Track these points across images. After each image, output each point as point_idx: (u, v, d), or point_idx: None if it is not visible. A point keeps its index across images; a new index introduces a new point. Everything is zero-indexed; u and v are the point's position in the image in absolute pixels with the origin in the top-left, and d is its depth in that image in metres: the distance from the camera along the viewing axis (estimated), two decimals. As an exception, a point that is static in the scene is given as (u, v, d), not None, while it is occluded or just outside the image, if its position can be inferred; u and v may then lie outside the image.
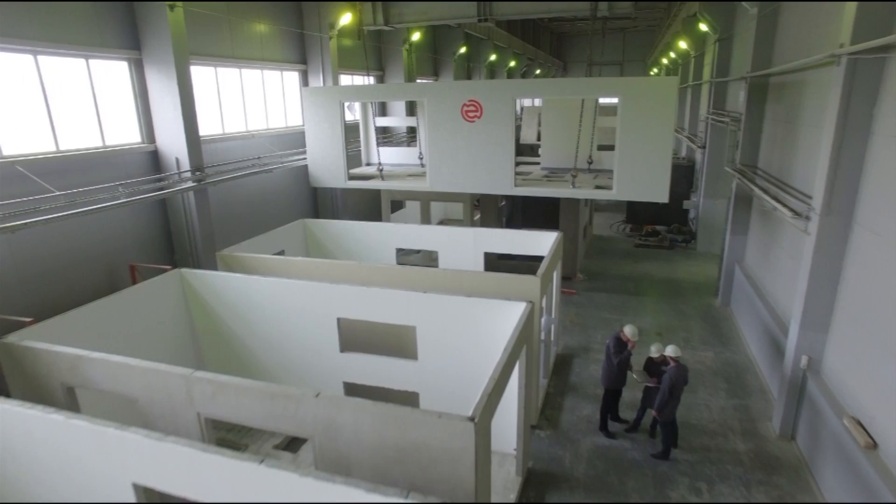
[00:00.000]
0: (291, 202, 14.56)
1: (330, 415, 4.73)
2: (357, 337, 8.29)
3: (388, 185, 12.30)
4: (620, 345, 8.18)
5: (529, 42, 42.32)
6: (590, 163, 12.91)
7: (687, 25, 21.19)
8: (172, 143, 10.05)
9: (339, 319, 7.75)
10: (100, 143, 9.37)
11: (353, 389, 8.38)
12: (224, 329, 8.55)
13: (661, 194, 10.16)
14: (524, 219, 18.27)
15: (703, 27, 16.68)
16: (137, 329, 7.77)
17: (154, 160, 10.28)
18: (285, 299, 7.95)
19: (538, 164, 16.49)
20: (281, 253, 11.24)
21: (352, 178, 13.08)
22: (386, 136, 18.90)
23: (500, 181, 11.06)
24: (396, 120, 18.00)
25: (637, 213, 20.75)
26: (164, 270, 9.06)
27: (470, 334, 7.14)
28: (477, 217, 16.19)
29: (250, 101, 13.06)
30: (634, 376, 8.19)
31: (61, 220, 7.80)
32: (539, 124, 25.37)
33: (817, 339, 7.51)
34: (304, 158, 13.33)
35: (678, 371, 7.58)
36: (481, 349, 7.10)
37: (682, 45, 22.06)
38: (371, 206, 17.73)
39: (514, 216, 18.15)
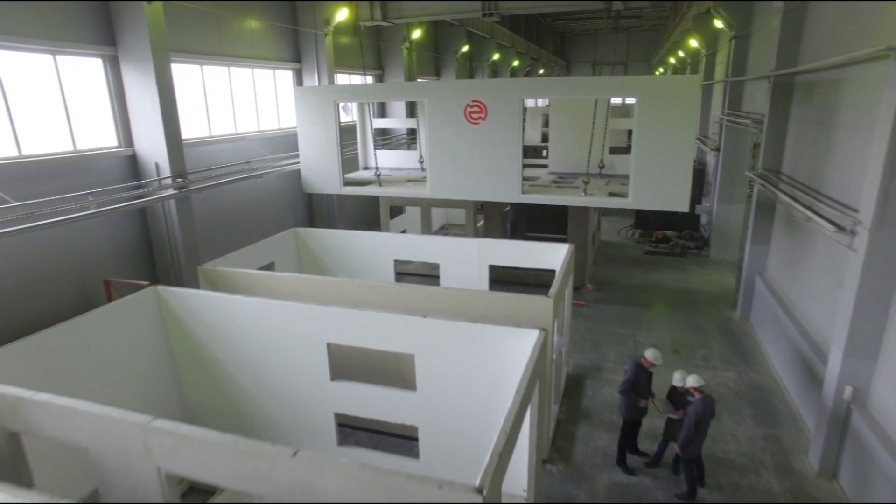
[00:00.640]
0: (285, 208, 13.79)
1: (309, 478, 3.94)
2: (349, 364, 7.52)
3: (385, 191, 11.52)
4: (642, 372, 7.38)
5: (532, 41, 41.56)
6: (601, 167, 12.14)
7: (699, 23, 20.38)
8: (152, 147, 9.28)
9: (328, 345, 6.97)
10: (70, 148, 8.60)
11: (346, 421, 7.61)
12: (204, 353, 7.77)
13: (681, 203, 9.37)
14: (530, 224, 17.50)
15: (717, 24, 15.87)
16: (107, 355, 7.00)
17: (132, 166, 9.51)
18: (269, 321, 7.17)
19: (543, 166, 15.73)
20: (270, 265, 10.49)
21: (347, 183, 12.30)
22: (385, 139, 18.13)
23: (507, 188, 10.27)
24: (396, 121, 17.22)
25: (646, 218, 19.95)
26: (141, 287, 8.31)
27: (475, 364, 6.35)
28: (480, 223, 15.41)
29: (240, 102, 12.29)
30: (657, 407, 7.39)
31: (21, 234, 7.03)
32: (544, 125, 24.62)
33: (864, 368, 6.71)
34: (298, 162, 12.56)
35: (704, 404, 6.78)
36: (488, 380, 6.32)
37: (693, 43, 21.26)
38: (369, 211, 16.96)
39: (519, 221, 17.38)
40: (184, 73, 10.67)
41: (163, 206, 9.47)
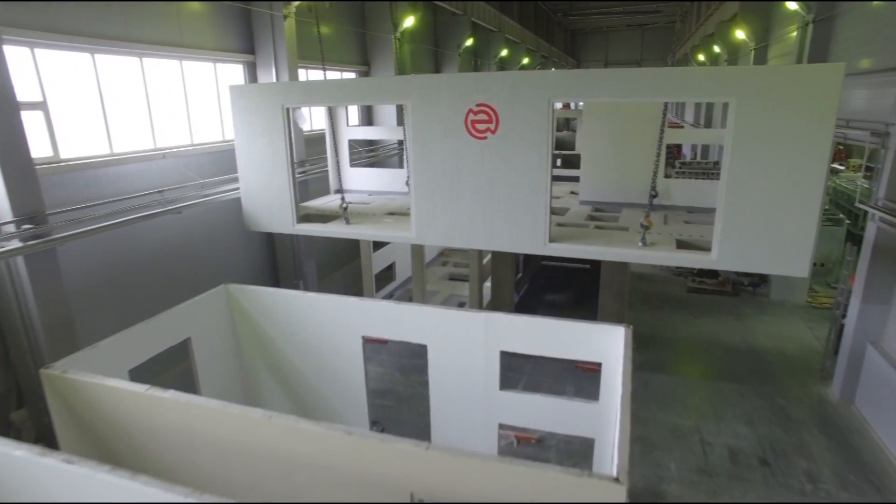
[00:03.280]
0: (236, 246, 10.58)
1: None
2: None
3: (354, 231, 8.26)
4: None
5: (543, 38, 38.32)
6: (653, 196, 8.87)
7: (747, 9, 17.11)
8: (-18, 176, 6.07)
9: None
10: None
11: None
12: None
13: (799, 264, 6.07)
14: (546, 256, 14.26)
15: (791, 6, 12.55)
16: None
17: (-38, 203, 6.30)
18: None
19: (564, 178, 12.47)
20: (185, 343, 7.28)
21: (306, 216, 9.06)
22: (372, 150, 14.84)
23: (528, 233, 6.99)
24: (378, 131, 13.80)
25: (685, 244, 16.63)
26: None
27: None
28: (487, 259, 12.16)
29: (162, 106, 9.08)
30: None
31: None
32: (558, 129, 21.31)
33: None
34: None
35: None
36: None
37: (740, 34, 17.92)
38: (347, 241, 13.71)
39: (532, 255, 14.14)
40: (61, 64, 7.48)
41: (6, 265, 6.26)
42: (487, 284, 12.66)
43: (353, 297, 7.30)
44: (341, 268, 14.02)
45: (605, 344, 6.18)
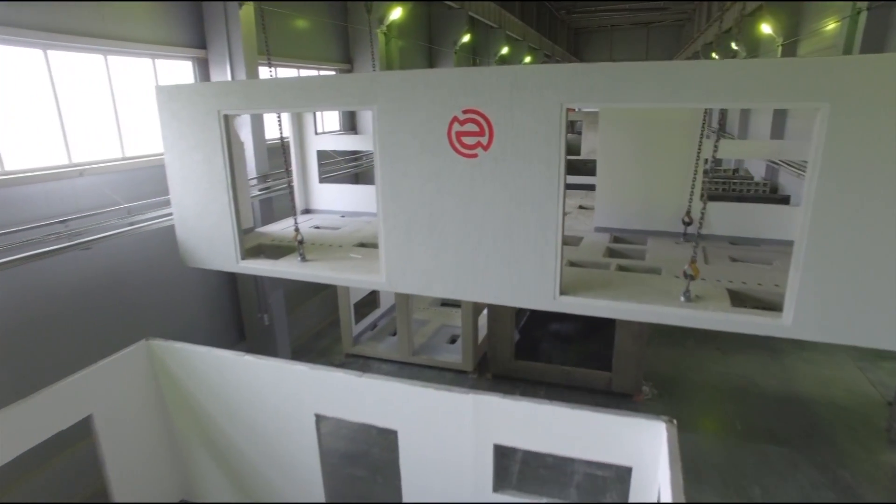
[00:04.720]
0: (189, 273, 8.85)
1: None
2: None
3: (309, 271, 6.51)
4: None
5: (545, 36, 36.62)
6: (687, 223, 7.16)
7: (772, 5, 15.36)
8: None
9: None
10: None
11: None
12: None
13: (913, 336, 4.35)
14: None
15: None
16: None
17: None
18: None
19: (574, 186, 10.78)
20: (86, 420, 5.60)
21: (258, 248, 7.34)
22: (356, 161, 13.10)
23: (532, 283, 5.26)
24: (354, 140, 11.88)
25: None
26: None
27: None
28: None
29: (81, 111, 7.38)
30: None
31: None
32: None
33: None
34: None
35: None
36: None
37: (766, 28, 16.17)
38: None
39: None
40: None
41: None
42: (485, 313, 11.03)
43: (304, 365, 5.58)
44: (316, 295, 12.30)
45: (638, 443, 4.46)
